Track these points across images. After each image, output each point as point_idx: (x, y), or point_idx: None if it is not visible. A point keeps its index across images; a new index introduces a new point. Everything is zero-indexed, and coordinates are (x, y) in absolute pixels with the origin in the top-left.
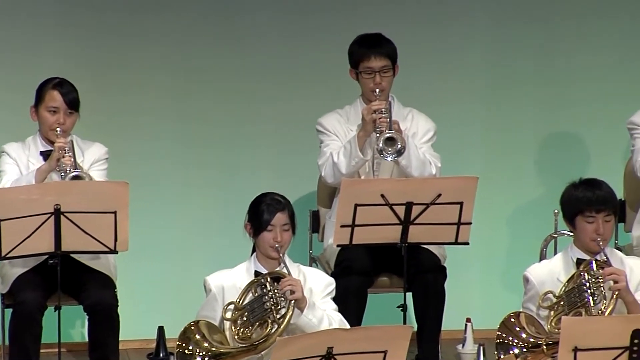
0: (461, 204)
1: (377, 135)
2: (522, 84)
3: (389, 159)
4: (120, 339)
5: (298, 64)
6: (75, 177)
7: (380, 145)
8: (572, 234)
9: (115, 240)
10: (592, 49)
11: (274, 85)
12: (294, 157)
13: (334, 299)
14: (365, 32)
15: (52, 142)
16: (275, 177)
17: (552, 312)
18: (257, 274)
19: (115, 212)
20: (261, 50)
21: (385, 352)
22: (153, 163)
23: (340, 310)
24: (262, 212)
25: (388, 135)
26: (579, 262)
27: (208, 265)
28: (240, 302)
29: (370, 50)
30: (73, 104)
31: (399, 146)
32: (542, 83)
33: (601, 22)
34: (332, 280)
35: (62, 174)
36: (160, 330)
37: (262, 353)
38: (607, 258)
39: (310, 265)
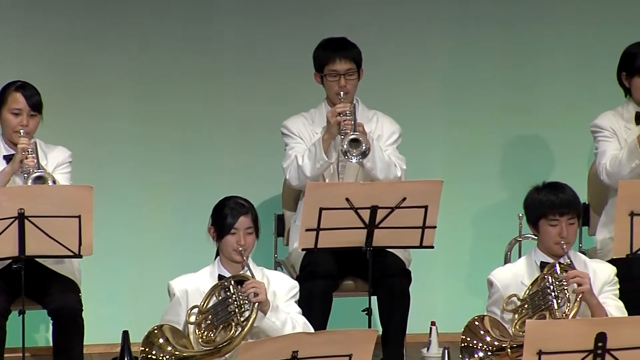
0: (426, 207)
1: (342, 137)
2: (485, 87)
3: (354, 160)
4: (84, 343)
5: (262, 67)
6: (39, 178)
7: (345, 146)
8: (536, 237)
9: (80, 244)
10: (556, 52)
11: (238, 88)
12: (259, 160)
13: (299, 303)
14: (330, 36)
15: (15, 145)
16: (239, 180)
17: (516, 316)
18: (220, 277)
19: (79, 217)
20: (225, 53)
21: (350, 356)
22: (117, 167)
23: (305, 314)
24: (225, 216)
25: (352, 136)
26: (543, 265)
27: (172, 270)
28: (204, 305)
29: (335, 53)
30: (36, 107)
31: (364, 148)
32: (506, 86)
33: (565, 24)
34: (295, 283)
35: (25, 175)
36: (125, 334)
37: (226, 356)
38: (570, 261)
39: (275, 269)
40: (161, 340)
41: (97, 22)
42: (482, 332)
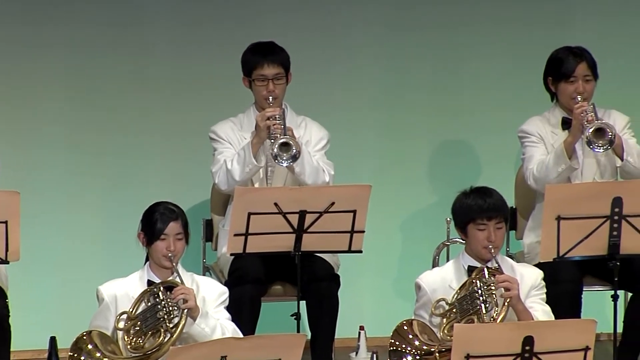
0: (354, 212)
1: (272, 141)
2: (414, 92)
3: (284, 164)
4: (11, 349)
5: (190, 73)
6: None
7: (275, 150)
8: (464, 241)
9: (7, 250)
10: (484, 56)
11: (166, 94)
12: (187, 165)
13: (228, 308)
14: (258, 40)
15: None
16: (168, 185)
17: (444, 320)
18: (150, 283)
19: (6, 222)
20: (153, 59)
21: None
22: (44, 172)
23: (234, 319)
24: (155, 221)
25: (282, 140)
26: (471, 269)
27: (101, 275)
28: (133, 311)
29: (264, 58)
30: None
31: (294, 151)
32: (435, 91)
33: (493, 29)
34: (225, 289)
35: None
36: (52, 340)
37: None
38: (498, 265)
39: (204, 274)
40: (90, 346)
41: (26, 26)
42: (410, 337)
